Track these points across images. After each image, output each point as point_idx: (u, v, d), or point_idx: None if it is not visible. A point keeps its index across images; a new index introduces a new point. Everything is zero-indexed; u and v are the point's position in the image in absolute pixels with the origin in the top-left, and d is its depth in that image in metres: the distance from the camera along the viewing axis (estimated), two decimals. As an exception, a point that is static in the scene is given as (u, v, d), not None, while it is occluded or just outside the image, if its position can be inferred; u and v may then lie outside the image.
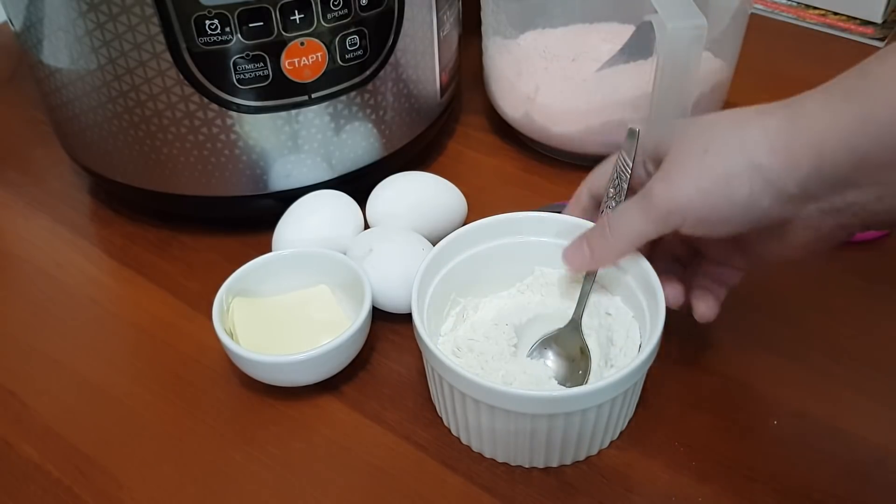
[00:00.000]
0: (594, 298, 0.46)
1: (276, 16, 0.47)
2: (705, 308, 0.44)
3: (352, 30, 0.50)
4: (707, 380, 0.46)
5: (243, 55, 0.48)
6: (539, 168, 0.62)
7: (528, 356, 0.44)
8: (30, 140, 0.68)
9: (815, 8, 0.78)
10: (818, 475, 0.41)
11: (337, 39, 0.50)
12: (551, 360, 0.44)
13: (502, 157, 0.64)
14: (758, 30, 0.65)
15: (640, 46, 0.54)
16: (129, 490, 0.43)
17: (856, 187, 0.35)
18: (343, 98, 0.52)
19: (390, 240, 0.49)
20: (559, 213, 0.57)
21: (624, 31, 0.56)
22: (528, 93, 0.59)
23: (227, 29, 0.47)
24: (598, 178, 0.46)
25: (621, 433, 0.43)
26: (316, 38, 0.49)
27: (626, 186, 0.43)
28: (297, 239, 0.51)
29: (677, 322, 0.49)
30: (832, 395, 0.45)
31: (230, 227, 0.57)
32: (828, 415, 0.44)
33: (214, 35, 0.47)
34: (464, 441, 0.43)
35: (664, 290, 0.42)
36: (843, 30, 0.75)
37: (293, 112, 0.51)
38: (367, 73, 0.52)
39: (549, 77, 0.58)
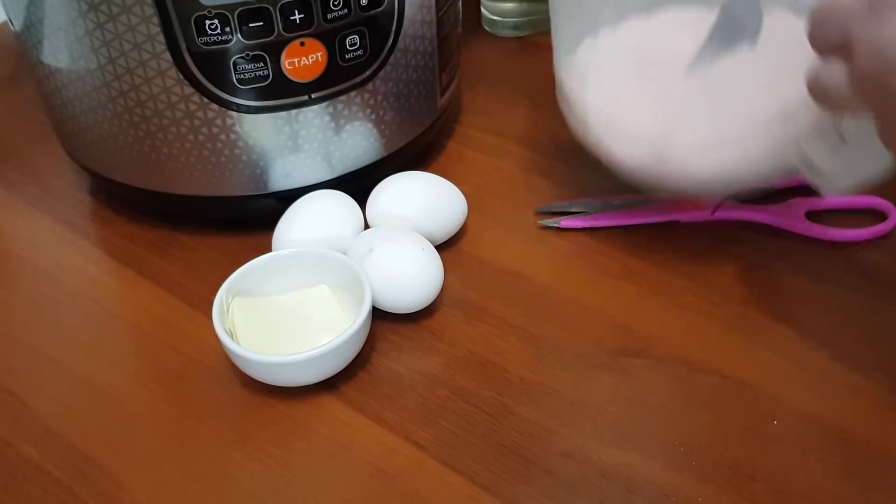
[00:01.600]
0: None
1: (276, 16, 0.47)
2: None
3: (352, 30, 0.50)
4: (707, 380, 0.46)
5: (243, 55, 0.48)
6: (540, 168, 0.62)
7: None
8: (30, 140, 0.68)
9: (816, 8, 0.78)
10: (818, 475, 0.41)
11: (337, 39, 0.50)
12: None
13: (502, 157, 0.64)
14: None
15: (734, 25, 0.44)
16: (128, 490, 0.43)
17: None
18: (343, 98, 0.52)
19: (390, 240, 0.49)
20: (562, 213, 0.57)
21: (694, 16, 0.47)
22: (662, 127, 0.45)
23: (227, 29, 0.47)
24: None
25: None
26: (316, 38, 0.49)
27: None
28: (297, 239, 0.51)
29: (677, 321, 0.49)
30: (832, 395, 0.45)
31: (230, 227, 0.57)
32: (828, 415, 0.44)
33: (214, 35, 0.47)
34: None
35: None
36: (844, 30, 0.75)
37: (293, 112, 0.51)
38: (367, 73, 0.52)
39: (688, 106, 0.45)
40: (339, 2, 0.48)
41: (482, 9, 0.79)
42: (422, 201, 0.53)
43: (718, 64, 0.43)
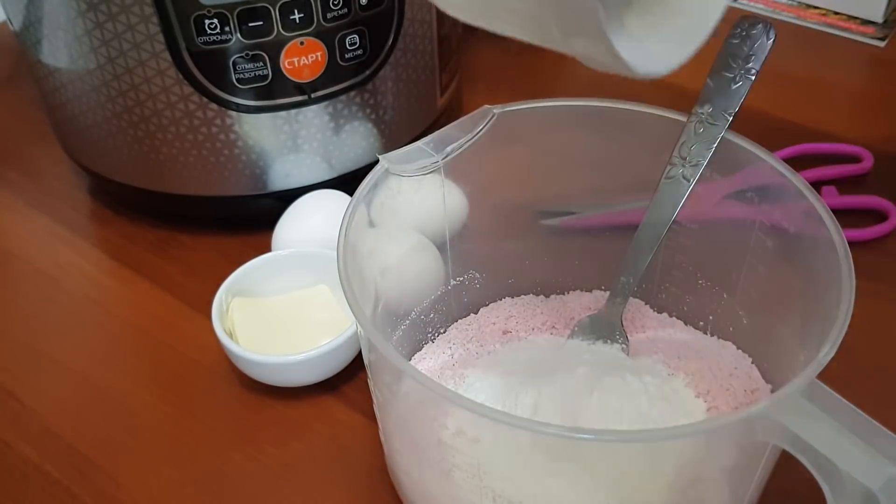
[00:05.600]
0: None
1: (275, 15, 0.47)
2: None
3: (352, 29, 0.50)
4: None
5: (243, 54, 0.48)
6: (542, 166, 0.62)
7: None
8: (29, 140, 0.67)
9: (816, 7, 0.78)
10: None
11: (337, 39, 0.49)
12: None
13: (503, 156, 0.63)
14: (758, 29, 0.65)
15: None
16: (127, 490, 0.43)
17: None
18: (343, 98, 0.52)
19: (391, 240, 0.49)
20: (563, 213, 0.57)
21: None
22: None
23: (227, 28, 0.46)
24: None
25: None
26: (316, 37, 0.49)
27: None
28: (297, 239, 0.51)
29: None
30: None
31: (230, 227, 0.57)
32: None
33: (214, 34, 0.47)
34: None
35: None
36: (844, 29, 0.75)
37: (293, 112, 0.51)
38: (367, 72, 0.52)
39: None
40: (339, 1, 0.48)
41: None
42: (422, 201, 0.53)
43: None
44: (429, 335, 0.47)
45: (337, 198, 0.53)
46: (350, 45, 0.50)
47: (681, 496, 0.35)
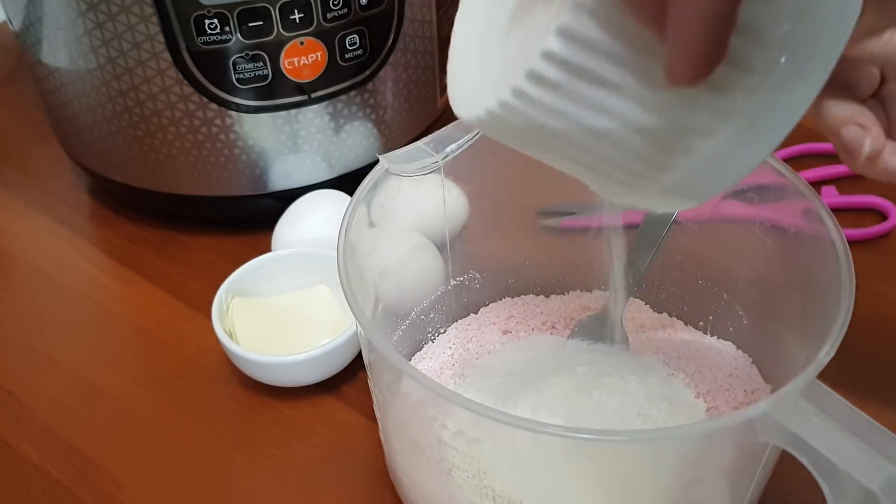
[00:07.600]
0: None
1: (275, 15, 0.47)
2: None
3: (352, 29, 0.50)
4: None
5: (243, 54, 0.48)
6: (540, 167, 0.62)
7: None
8: (29, 140, 0.67)
9: (816, 7, 0.78)
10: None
11: (337, 39, 0.49)
12: None
13: (503, 156, 0.63)
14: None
15: None
16: (128, 490, 0.43)
17: None
18: (343, 98, 0.52)
19: (391, 240, 0.49)
20: (562, 213, 0.57)
21: None
22: None
23: (227, 28, 0.47)
24: None
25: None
26: (316, 37, 0.49)
27: None
28: (297, 239, 0.51)
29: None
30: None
31: (230, 227, 0.57)
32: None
33: (214, 34, 0.47)
34: None
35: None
36: (844, 29, 0.75)
37: (293, 112, 0.51)
38: (367, 72, 0.52)
39: None
40: (339, 1, 0.48)
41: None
42: (422, 201, 0.53)
43: None
44: (429, 335, 0.47)
45: (337, 198, 0.53)
46: (350, 45, 0.50)
47: (680, 496, 0.35)
